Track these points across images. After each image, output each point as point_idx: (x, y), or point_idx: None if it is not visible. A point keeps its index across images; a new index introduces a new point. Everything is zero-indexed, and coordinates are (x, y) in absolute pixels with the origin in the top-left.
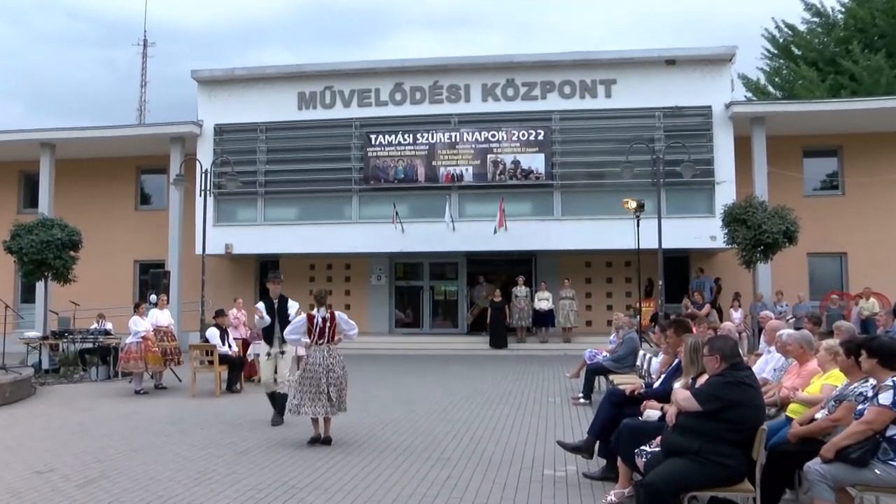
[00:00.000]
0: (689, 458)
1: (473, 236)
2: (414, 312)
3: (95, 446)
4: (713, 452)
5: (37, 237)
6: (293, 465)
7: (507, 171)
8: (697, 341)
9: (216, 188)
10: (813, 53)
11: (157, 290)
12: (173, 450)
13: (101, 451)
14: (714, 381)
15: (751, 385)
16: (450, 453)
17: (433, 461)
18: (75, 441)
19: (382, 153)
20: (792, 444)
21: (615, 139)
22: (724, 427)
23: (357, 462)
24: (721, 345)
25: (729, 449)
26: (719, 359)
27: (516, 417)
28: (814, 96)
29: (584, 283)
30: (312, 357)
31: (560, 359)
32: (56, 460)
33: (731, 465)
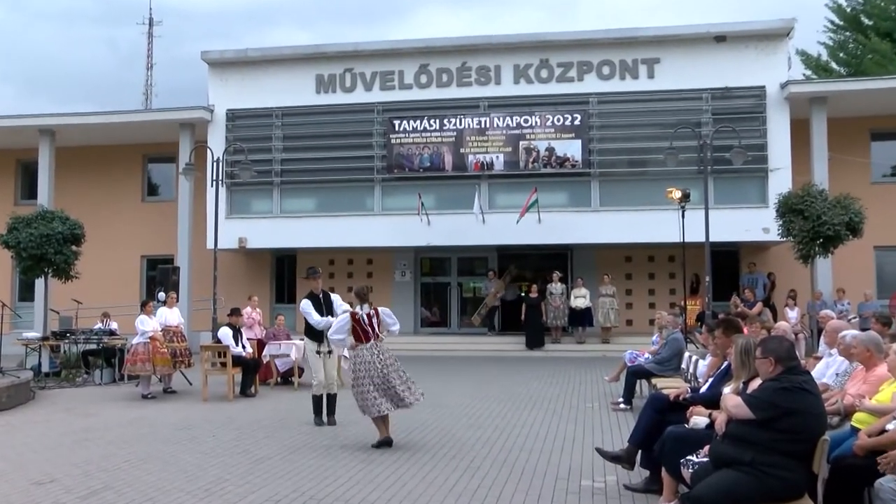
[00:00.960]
0: (742, 470)
1: (504, 229)
2: (441, 311)
3: (99, 455)
4: (768, 464)
5: (36, 231)
6: (312, 474)
7: (541, 159)
8: (749, 342)
9: (229, 178)
10: (887, 23)
11: (166, 288)
12: (183, 458)
13: (105, 460)
14: (768, 387)
15: (810, 391)
16: (480, 462)
17: (462, 470)
18: (77, 449)
19: (407, 140)
20: (859, 457)
21: (658, 123)
22: (779, 437)
23: (380, 471)
24: (776, 346)
25: (785, 461)
26: (774, 362)
27: (551, 423)
28: (886, 72)
29: (624, 279)
30: (361, 357)
31: (598, 361)
32: (57, 470)
33: (789, 478)
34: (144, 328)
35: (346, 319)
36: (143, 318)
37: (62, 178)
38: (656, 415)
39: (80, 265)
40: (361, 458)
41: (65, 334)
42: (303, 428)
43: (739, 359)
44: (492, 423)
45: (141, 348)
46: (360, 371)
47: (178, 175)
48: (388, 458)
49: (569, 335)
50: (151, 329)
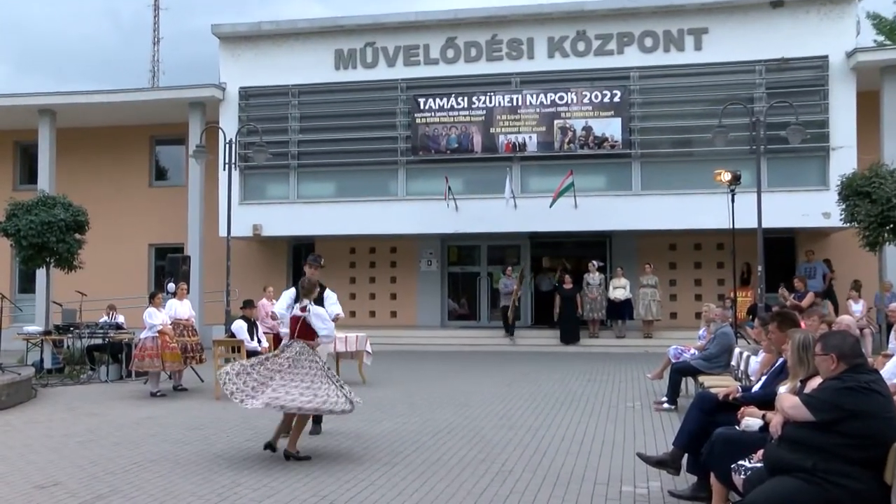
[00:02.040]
0: (802, 477)
1: (538, 215)
2: (469, 303)
3: (105, 457)
4: (832, 472)
5: (36, 217)
6: (332, 477)
7: (578, 139)
8: (808, 338)
9: (242, 161)
10: None
11: (176, 278)
12: (195, 460)
13: (111, 462)
14: (830, 386)
15: (879, 392)
16: (511, 465)
17: (492, 474)
18: (82, 451)
19: (433, 119)
20: None
21: (706, 99)
22: (843, 442)
23: (404, 475)
24: (838, 342)
25: (851, 468)
26: (836, 359)
27: (589, 425)
28: None
29: (667, 268)
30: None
31: (640, 357)
32: (60, 473)
33: (856, 488)
34: (153, 321)
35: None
36: (151, 311)
37: (64, 161)
38: (703, 415)
39: (85, 254)
40: (384, 461)
41: (68, 328)
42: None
43: (797, 355)
44: (524, 423)
45: (149, 343)
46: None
47: (187, 158)
48: (413, 461)
49: (607, 329)
50: (161, 322)
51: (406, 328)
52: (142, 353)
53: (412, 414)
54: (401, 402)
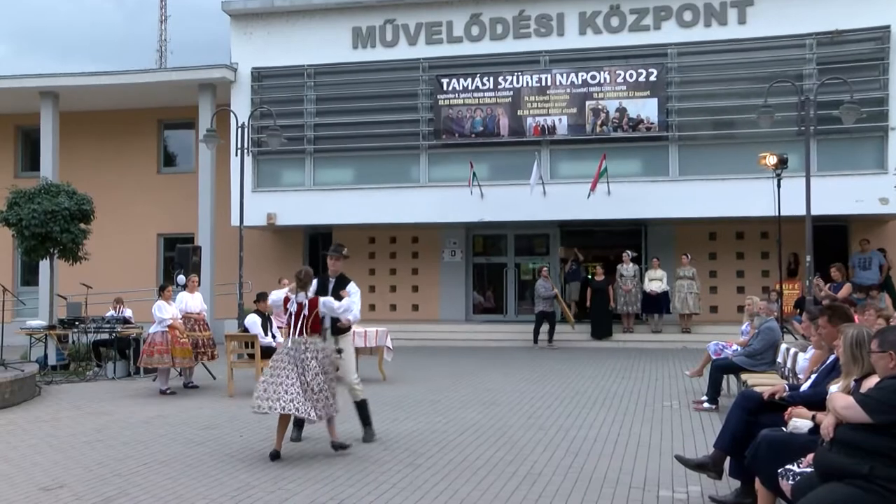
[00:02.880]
0: (857, 484)
1: (568, 202)
2: (496, 295)
3: (113, 457)
4: (891, 479)
5: (39, 206)
6: (351, 479)
7: (611, 122)
8: (862, 333)
9: (255, 146)
10: None
11: (186, 270)
12: (207, 461)
13: (119, 463)
14: (888, 386)
15: None
16: (541, 468)
17: (520, 477)
18: (89, 451)
19: (457, 101)
20: None
21: (750, 77)
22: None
23: (428, 477)
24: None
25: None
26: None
27: (623, 425)
28: None
29: (707, 259)
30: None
31: (677, 353)
32: (66, 474)
33: None
34: (163, 315)
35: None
36: (161, 305)
37: (67, 146)
38: (747, 416)
39: (90, 245)
40: (407, 462)
41: (73, 323)
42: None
43: (850, 352)
44: (554, 423)
45: (159, 338)
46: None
47: (197, 143)
48: (437, 462)
49: (642, 323)
50: (171, 316)
51: (428, 322)
52: (151, 348)
53: (435, 413)
54: (423, 401)
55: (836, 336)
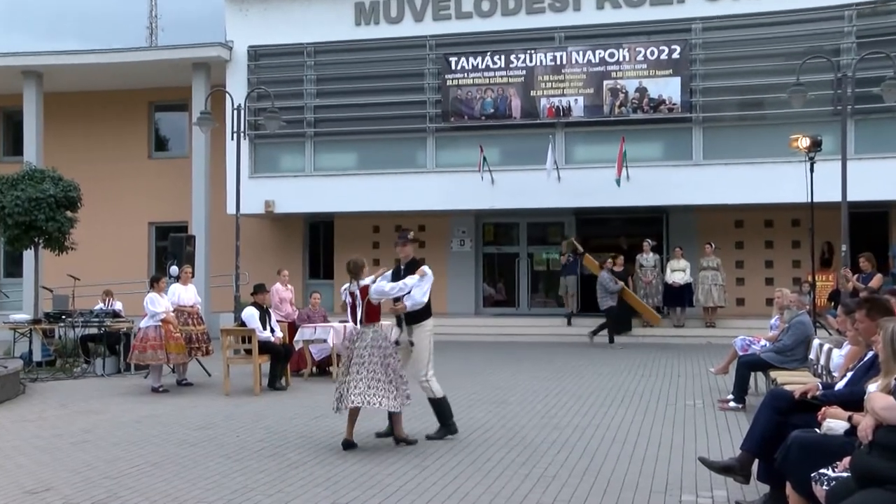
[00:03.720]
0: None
1: (584, 188)
2: (507, 287)
3: (103, 459)
4: None
5: (23, 193)
6: (355, 482)
7: (630, 102)
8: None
9: (252, 129)
10: None
11: (180, 261)
12: (202, 463)
13: (109, 465)
14: None
15: None
16: (556, 470)
17: (534, 479)
18: (77, 453)
19: (465, 81)
20: None
21: (781, 53)
22: None
23: (436, 479)
24: None
25: None
26: None
27: (643, 425)
28: None
29: (733, 248)
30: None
31: (701, 349)
32: (53, 477)
33: None
34: (156, 309)
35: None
36: (154, 297)
37: (53, 130)
38: (777, 416)
39: (77, 234)
40: (414, 464)
41: (60, 316)
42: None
43: (891, 348)
44: (570, 422)
45: (152, 332)
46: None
47: (191, 126)
48: (445, 464)
49: (664, 317)
50: (164, 310)
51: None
52: (143, 343)
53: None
54: None
55: (875, 331)
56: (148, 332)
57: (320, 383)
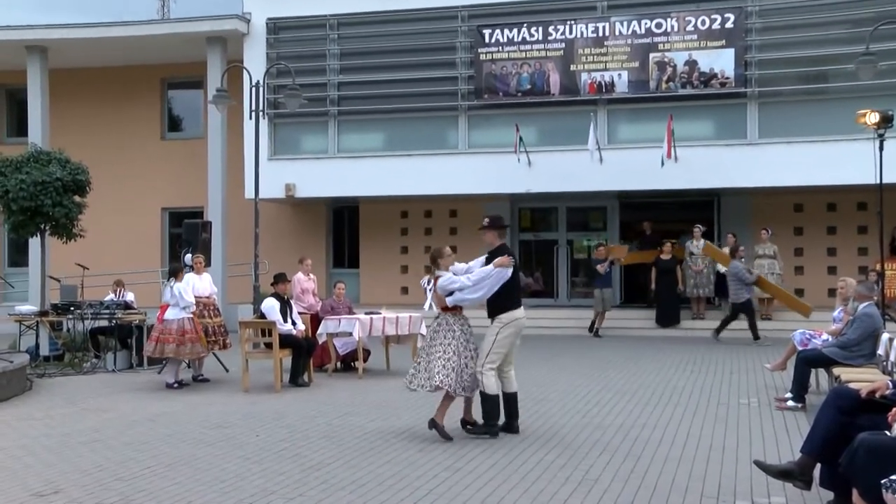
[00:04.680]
0: None
1: (628, 170)
2: (546, 276)
3: (114, 460)
4: None
5: (28, 177)
6: (382, 485)
7: (679, 77)
8: None
9: (272, 108)
10: None
11: (195, 248)
12: (219, 464)
13: (121, 466)
14: None
15: None
16: (598, 473)
17: (574, 483)
18: (87, 453)
19: (500, 55)
20: None
21: (848, 20)
22: None
23: (469, 482)
24: None
25: None
26: None
27: (693, 425)
28: None
29: (792, 234)
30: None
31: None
32: (62, 479)
33: None
34: (189, 298)
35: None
36: (184, 287)
37: (59, 109)
38: (841, 416)
39: (86, 221)
40: (446, 466)
41: (68, 308)
42: (370, 427)
43: None
44: (613, 422)
45: (175, 325)
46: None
47: (206, 105)
48: (479, 465)
49: (715, 308)
50: (192, 301)
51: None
52: (166, 335)
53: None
54: None
55: None
56: (171, 325)
57: (345, 379)
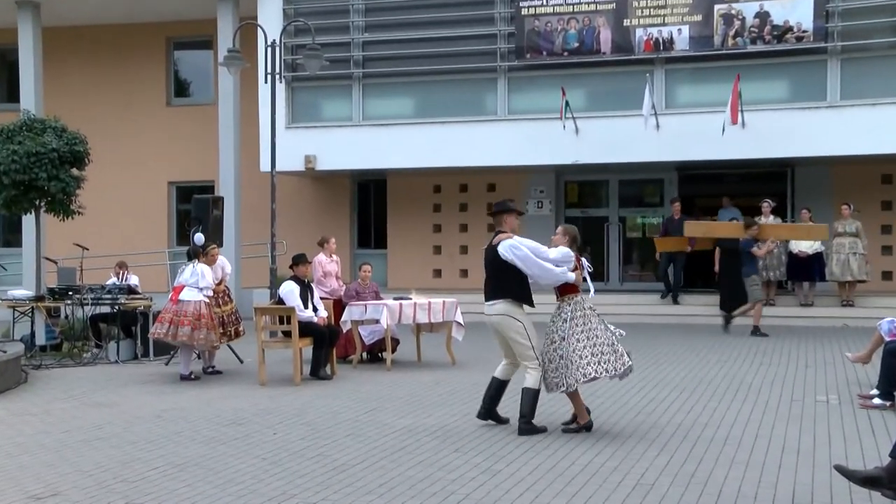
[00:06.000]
0: None
1: (688, 138)
2: (595, 258)
3: (117, 460)
4: None
5: (21, 147)
6: (414, 488)
7: (748, 31)
8: None
9: (289, 70)
10: None
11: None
12: (233, 465)
13: (125, 466)
14: None
15: None
16: (653, 477)
17: (627, 488)
18: (88, 452)
19: (545, 10)
20: None
21: None
22: None
23: (510, 486)
24: None
25: None
26: None
27: (762, 424)
28: None
29: (878, 209)
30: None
31: (835, 332)
32: (61, 480)
33: None
34: (210, 280)
35: (572, 255)
36: (204, 269)
37: (54, 72)
38: None
39: (85, 196)
40: (483, 468)
41: (66, 292)
42: (400, 424)
43: None
44: (671, 420)
45: (191, 308)
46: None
47: (217, 67)
48: (521, 469)
49: (788, 294)
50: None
51: None
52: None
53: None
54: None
55: None
56: (187, 307)
57: (371, 372)
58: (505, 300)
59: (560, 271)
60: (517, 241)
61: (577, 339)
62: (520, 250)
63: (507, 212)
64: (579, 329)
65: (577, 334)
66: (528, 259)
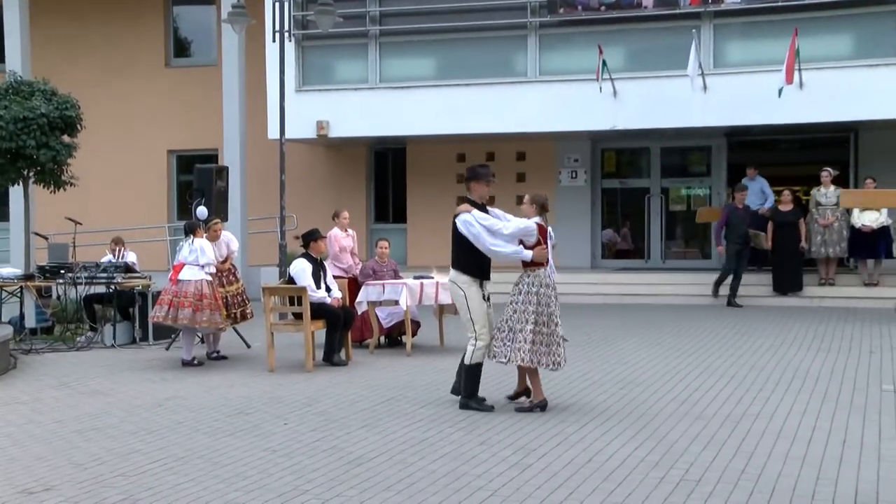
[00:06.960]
0: None
1: (739, 100)
2: (635, 233)
3: (116, 452)
4: None
5: (7, 112)
6: (436, 483)
7: None
8: None
9: (300, 28)
10: None
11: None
12: (240, 457)
13: (123, 459)
14: None
15: None
16: (700, 472)
17: (670, 485)
18: (83, 444)
19: None
20: None
21: None
22: None
23: (539, 482)
24: None
25: None
26: None
27: (820, 416)
28: None
29: None
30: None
31: None
32: (54, 474)
33: None
34: (210, 256)
35: (533, 228)
36: (204, 244)
37: (42, 29)
38: None
39: (77, 165)
40: (512, 463)
41: (58, 271)
42: (421, 414)
43: None
44: (717, 411)
45: (192, 287)
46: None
47: (220, 24)
48: (553, 462)
49: (849, 272)
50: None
51: None
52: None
53: (550, 394)
54: None
55: None
56: (188, 287)
57: (389, 356)
58: (455, 269)
59: (512, 251)
60: (471, 218)
61: (525, 319)
62: (473, 227)
63: (475, 178)
64: (531, 309)
65: (527, 313)
66: (479, 237)
